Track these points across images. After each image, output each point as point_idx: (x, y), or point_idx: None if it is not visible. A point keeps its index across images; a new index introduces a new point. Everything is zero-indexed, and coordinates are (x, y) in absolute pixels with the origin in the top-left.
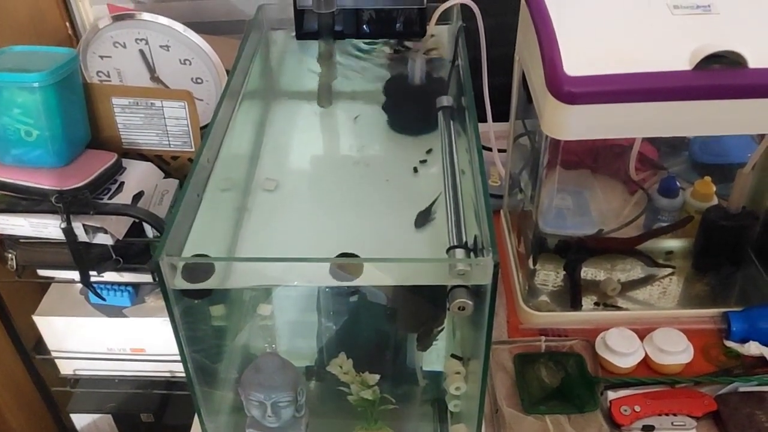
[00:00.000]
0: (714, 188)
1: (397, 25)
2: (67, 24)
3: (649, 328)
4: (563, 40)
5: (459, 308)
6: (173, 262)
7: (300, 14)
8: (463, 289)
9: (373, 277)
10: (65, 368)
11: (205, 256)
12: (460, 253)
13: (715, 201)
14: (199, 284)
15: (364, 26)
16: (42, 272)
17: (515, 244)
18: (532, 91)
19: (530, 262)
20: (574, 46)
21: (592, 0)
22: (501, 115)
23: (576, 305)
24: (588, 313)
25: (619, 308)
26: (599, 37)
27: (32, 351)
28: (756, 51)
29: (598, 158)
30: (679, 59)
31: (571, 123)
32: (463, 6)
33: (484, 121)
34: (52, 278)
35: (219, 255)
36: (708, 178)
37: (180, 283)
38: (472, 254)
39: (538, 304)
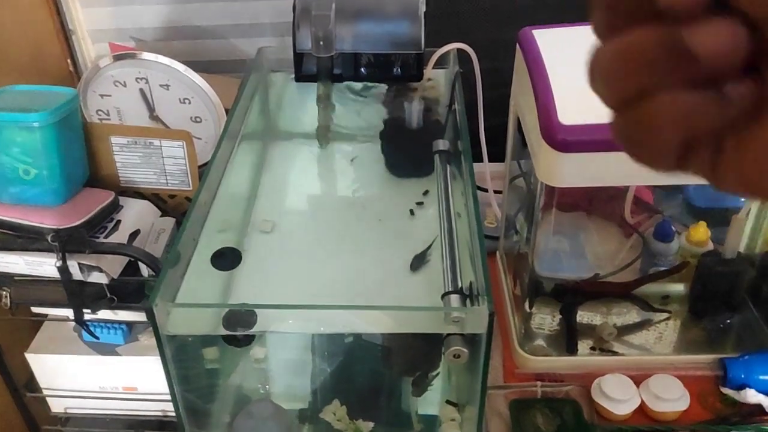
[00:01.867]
0: (709, 233)
1: (395, 68)
2: (69, 61)
3: (645, 374)
4: (558, 89)
5: (454, 356)
6: (167, 308)
7: (299, 57)
8: (459, 337)
9: (366, 324)
10: (56, 406)
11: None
12: (455, 299)
13: (710, 246)
14: (196, 332)
15: (363, 69)
16: (35, 309)
17: (511, 287)
18: (527, 138)
19: (526, 305)
20: (569, 95)
21: (586, 50)
22: (497, 156)
23: (572, 350)
24: (584, 358)
25: (615, 353)
26: None
27: (23, 388)
28: None
29: (593, 201)
30: None
31: (566, 170)
32: (460, 50)
33: (481, 161)
34: (46, 315)
35: (215, 298)
36: (703, 223)
37: (173, 328)
38: (467, 301)
39: (534, 348)
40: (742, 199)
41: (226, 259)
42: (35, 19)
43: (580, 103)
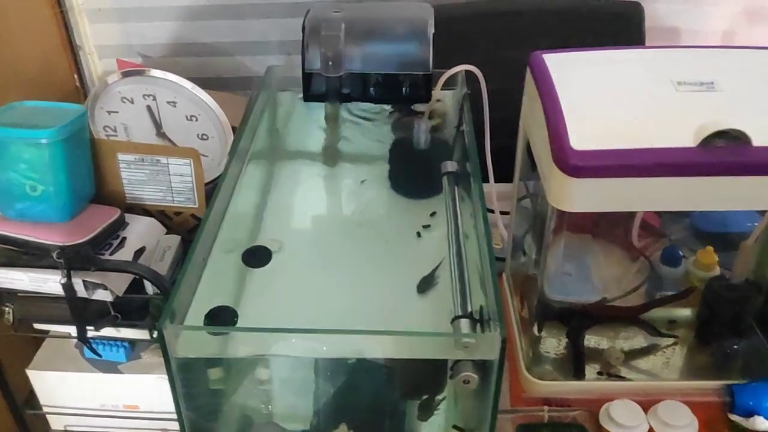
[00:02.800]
0: (716, 258)
1: (404, 89)
2: (75, 77)
3: (653, 400)
4: (569, 114)
5: (464, 382)
6: (176, 331)
7: (308, 77)
8: (468, 363)
9: (373, 349)
10: (56, 424)
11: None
12: (464, 323)
13: (717, 271)
14: (205, 354)
15: (371, 90)
16: (37, 326)
17: (518, 309)
18: (537, 162)
19: (534, 329)
20: (580, 120)
21: (597, 75)
22: (503, 176)
23: (579, 374)
24: (591, 383)
25: (622, 378)
26: (604, 111)
27: (24, 405)
28: (759, 129)
29: (600, 224)
30: (684, 136)
31: (577, 195)
32: (468, 71)
33: (487, 182)
34: (47, 332)
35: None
36: (710, 248)
37: (182, 351)
38: (478, 326)
39: (542, 372)
40: (749, 224)
41: (258, 256)
42: (43, 34)
43: (591, 129)
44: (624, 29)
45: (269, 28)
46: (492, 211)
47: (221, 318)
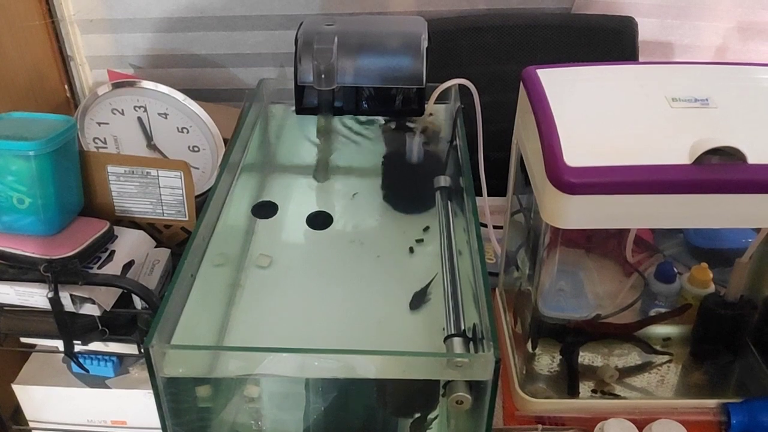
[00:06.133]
0: (711, 275)
1: (396, 103)
2: (66, 87)
3: (647, 418)
4: (563, 130)
5: (457, 402)
6: (163, 350)
7: (300, 90)
8: (462, 383)
9: (364, 368)
10: None
11: None
12: (457, 342)
13: (712, 288)
14: (193, 374)
15: (364, 103)
16: (24, 340)
17: (511, 325)
18: (531, 178)
19: (528, 345)
20: (574, 136)
21: (591, 90)
22: (496, 189)
23: (573, 392)
24: (585, 401)
25: (617, 396)
26: (599, 128)
27: (9, 421)
28: (754, 146)
29: (594, 239)
30: (679, 153)
31: (571, 212)
32: (461, 85)
33: (480, 195)
34: (34, 346)
35: (211, 336)
36: (705, 265)
37: (170, 370)
38: (471, 345)
39: (535, 390)
40: (743, 240)
41: (266, 209)
42: (34, 44)
43: (585, 146)
44: (617, 44)
45: (262, 40)
46: (485, 225)
47: (265, 210)
